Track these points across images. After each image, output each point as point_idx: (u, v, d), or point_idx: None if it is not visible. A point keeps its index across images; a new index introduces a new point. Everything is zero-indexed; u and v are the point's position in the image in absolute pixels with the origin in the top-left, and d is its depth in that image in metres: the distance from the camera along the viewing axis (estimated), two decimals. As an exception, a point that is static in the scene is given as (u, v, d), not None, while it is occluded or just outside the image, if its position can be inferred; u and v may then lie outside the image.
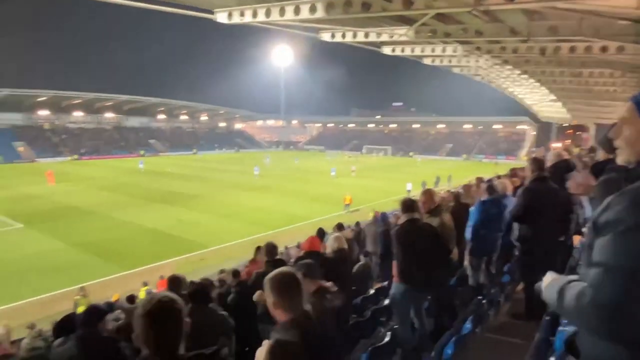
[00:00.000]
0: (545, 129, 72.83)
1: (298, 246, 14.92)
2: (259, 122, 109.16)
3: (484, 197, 5.83)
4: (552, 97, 29.64)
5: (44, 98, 66.26)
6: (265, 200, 30.59)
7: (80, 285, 12.41)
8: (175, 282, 4.72)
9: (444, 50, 15.52)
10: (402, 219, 4.49)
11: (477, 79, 25.04)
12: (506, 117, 79.53)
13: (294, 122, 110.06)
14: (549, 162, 5.77)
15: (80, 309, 10.54)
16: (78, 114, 74.24)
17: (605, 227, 1.30)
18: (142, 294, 11.63)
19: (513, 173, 9.95)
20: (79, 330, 3.48)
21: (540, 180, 4.77)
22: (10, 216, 23.98)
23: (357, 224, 14.06)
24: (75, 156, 63.39)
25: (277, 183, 38.90)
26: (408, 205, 4.48)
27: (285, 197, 31.75)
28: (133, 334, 1.69)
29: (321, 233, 8.21)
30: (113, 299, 12.34)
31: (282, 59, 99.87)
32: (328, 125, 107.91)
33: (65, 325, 3.57)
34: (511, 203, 5.99)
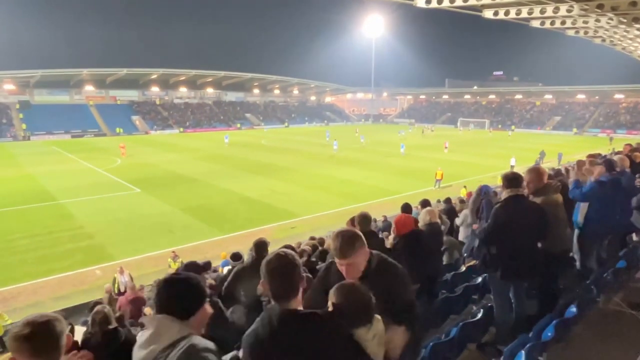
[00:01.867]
0: (681, 98, 62.31)
1: (385, 220, 14.93)
2: (349, 95, 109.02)
3: (602, 174, 5.23)
4: (695, 59, 25.36)
5: (155, 76, 73.67)
6: (354, 173, 30.83)
7: (172, 249, 13.87)
8: (260, 247, 4.87)
9: (556, 10, 14.03)
10: (504, 195, 4.09)
11: (596, 41, 22.27)
12: (631, 85, 69.04)
13: (384, 94, 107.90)
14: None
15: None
16: (183, 90, 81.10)
17: None
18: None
19: (635, 147, 8.76)
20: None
21: None
22: (130, 182, 27.44)
23: (448, 199, 13.59)
24: (181, 129, 69.61)
25: (363, 157, 38.95)
26: (511, 179, 4.06)
27: (373, 171, 31.65)
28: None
29: (407, 209, 7.78)
30: (221, 256, 13.68)
31: (373, 29, 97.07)
32: (420, 97, 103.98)
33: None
34: (628, 181, 5.33)
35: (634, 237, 6.50)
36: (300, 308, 1.89)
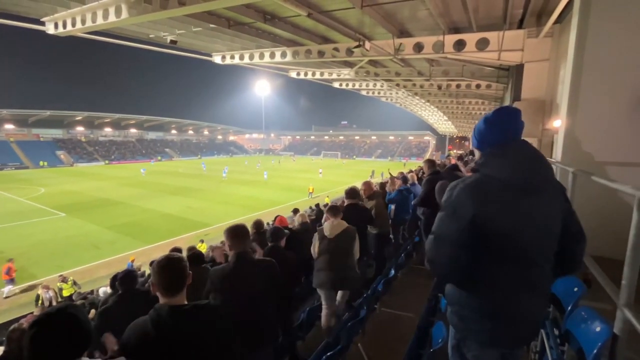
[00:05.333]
0: (441, 139, 76.26)
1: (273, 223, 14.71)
2: (247, 135, 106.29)
3: (401, 185, 5.98)
4: (445, 118, 31.11)
5: (80, 117, 61.33)
6: (250, 190, 29.69)
7: (60, 274, 10.60)
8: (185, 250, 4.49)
9: (374, 85, 15.89)
10: (346, 202, 4.38)
11: (397, 105, 25.74)
12: (416, 131, 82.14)
13: (272, 135, 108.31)
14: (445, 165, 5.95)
15: (65, 293, 9.51)
16: (108, 130, 68.75)
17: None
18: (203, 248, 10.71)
19: (418, 169, 10.37)
20: (119, 288, 3.20)
21: (434, 174, 4.80)
22: (54, 207, 22.02)
23: (317, 205, 14.10)
24: (107, 161, 58.74)
25: (255, 179, 37.71)
26: (350, 192, 4.39)
27: (264, 189, 30.93)
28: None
29: (296, 210, 7.99)
30: (130, 259, 11.75)
31: (262, 89, 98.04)
32: (296, 137, 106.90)
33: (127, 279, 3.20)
34: (418, 189, 6.18)
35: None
36: (185, 302, 1.55)
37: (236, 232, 2.31)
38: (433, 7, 5.99)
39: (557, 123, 4.60)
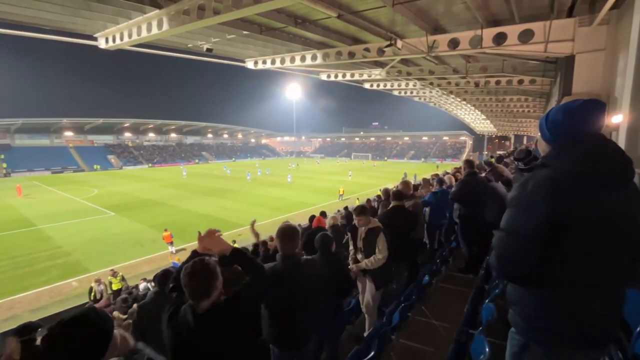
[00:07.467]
0: (479, 139, 72.40)
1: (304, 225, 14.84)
2: (278, 138, 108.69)
3: (436, 188, 5.73)
4: (483, 117, 29.54)
5: (127, 124, 66.37)
6: (281, 192, 30.18)
7: (111, 268, 11.50)
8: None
9: (407, 84, 15.45)
10: (392, 204, 4.26)
11: (430, 104, 24.87)
12: (451, 131, 78.86)
13: (303, 137, 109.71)
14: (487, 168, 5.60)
15: (114, 287, 10.16)
16: (151, 135, 73.87)
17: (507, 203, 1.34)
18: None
19: (455, 171, 9.87)
20: (156, 287, 3.43)
21: (472, 175, 4.59)
22: (105, 207, 24.01)
23: (346, 207, 13.97)
24: (150, 164, 63.11)
25: (284, 180, 38.21)
26: (396, 194, 4.26)
27: (294, 190, 31.27)
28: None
29: (324, 214, 8.10)
30: (176, 259, 12.40)
31: (293, 93, 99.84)
32: (326, 139, 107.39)
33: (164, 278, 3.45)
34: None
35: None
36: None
37: (285, 233, 2.28)
38: (470, 0, 5.70)
39: (617, 119, 4.13)
